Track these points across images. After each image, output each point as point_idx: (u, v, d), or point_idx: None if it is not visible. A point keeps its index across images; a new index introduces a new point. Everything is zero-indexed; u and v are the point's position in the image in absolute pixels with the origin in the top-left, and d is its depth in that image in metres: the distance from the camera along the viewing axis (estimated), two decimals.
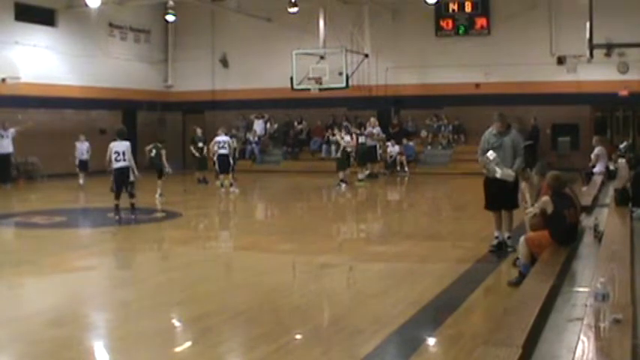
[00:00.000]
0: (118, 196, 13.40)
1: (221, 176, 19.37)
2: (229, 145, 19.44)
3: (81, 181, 20.66)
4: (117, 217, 13.30)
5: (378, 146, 23.12)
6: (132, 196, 13.53)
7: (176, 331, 6.76)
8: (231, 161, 19.47)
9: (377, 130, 23.08)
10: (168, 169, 17.14)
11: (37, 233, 12.63)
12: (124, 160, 13.25)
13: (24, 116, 23.32)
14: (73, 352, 5.86)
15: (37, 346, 5.93)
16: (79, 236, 12.86)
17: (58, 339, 6.13)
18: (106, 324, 6.95)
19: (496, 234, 9.63)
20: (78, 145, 21.18)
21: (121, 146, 13.33)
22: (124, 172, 13.31)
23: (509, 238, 9.48)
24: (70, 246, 11.27)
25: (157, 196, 16.91)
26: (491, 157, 9.22)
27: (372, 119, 23.52)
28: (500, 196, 9.41)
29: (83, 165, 21.04)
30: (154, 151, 17.27)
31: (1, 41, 22.39)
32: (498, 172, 9.21)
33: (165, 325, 6.77)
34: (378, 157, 23.46)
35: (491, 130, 9.53)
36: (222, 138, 19.53)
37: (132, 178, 13.43)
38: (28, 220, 13.98)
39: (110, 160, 13.32)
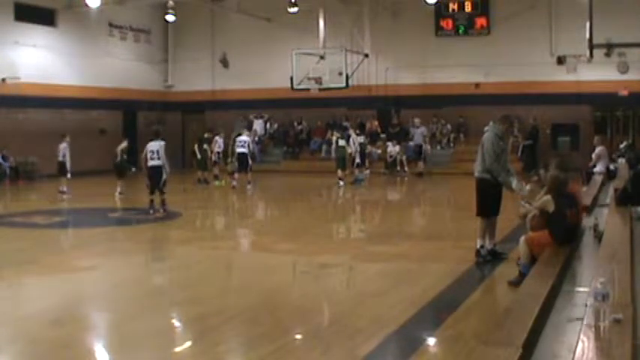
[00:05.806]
0: (152, 192, 14.10)
1: (236, 175, 19.53)
2: (249, 145, 19.82)
3: (62, 188, 17.89)
4: (151, 211, 14.06)
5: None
6: (162, 193, 14.06)
7: (176, 331, 6.76)
8: (250, 161, 19.72)
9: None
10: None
11: (37, 233, 12.64)
12: (158, 158, 13.84)
13: (24, 116, 23.38)
14: (73, 352, 5.86)
15: (37, 346, 5.94)
16: (79, 236, 12.85)
17: (58, 339, 6.13)
18: (106, 324, 6.95)
19: (481, 243, 9.00)
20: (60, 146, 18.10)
21: (155, 145, 13.95)
22: (157, 170, 13.88)
23: (495, 245, 9.08)
24: (70, 246, 11.28)
25: (117, 194, 17.51)
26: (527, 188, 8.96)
27: (375, 122, 23.39)
28: (496, 202, 8.99)
29: (61, 168, 18.04)
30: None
31: (1, 41, 22.39)
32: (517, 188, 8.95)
33: (166, 325, 6.77)
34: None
35: (496, 132, 8.96)
36: (243, 138, 19.89)
37: (164, 176, 13.93)
38: (28, 220, 13.99)
39: (146, 159, 13.99)
